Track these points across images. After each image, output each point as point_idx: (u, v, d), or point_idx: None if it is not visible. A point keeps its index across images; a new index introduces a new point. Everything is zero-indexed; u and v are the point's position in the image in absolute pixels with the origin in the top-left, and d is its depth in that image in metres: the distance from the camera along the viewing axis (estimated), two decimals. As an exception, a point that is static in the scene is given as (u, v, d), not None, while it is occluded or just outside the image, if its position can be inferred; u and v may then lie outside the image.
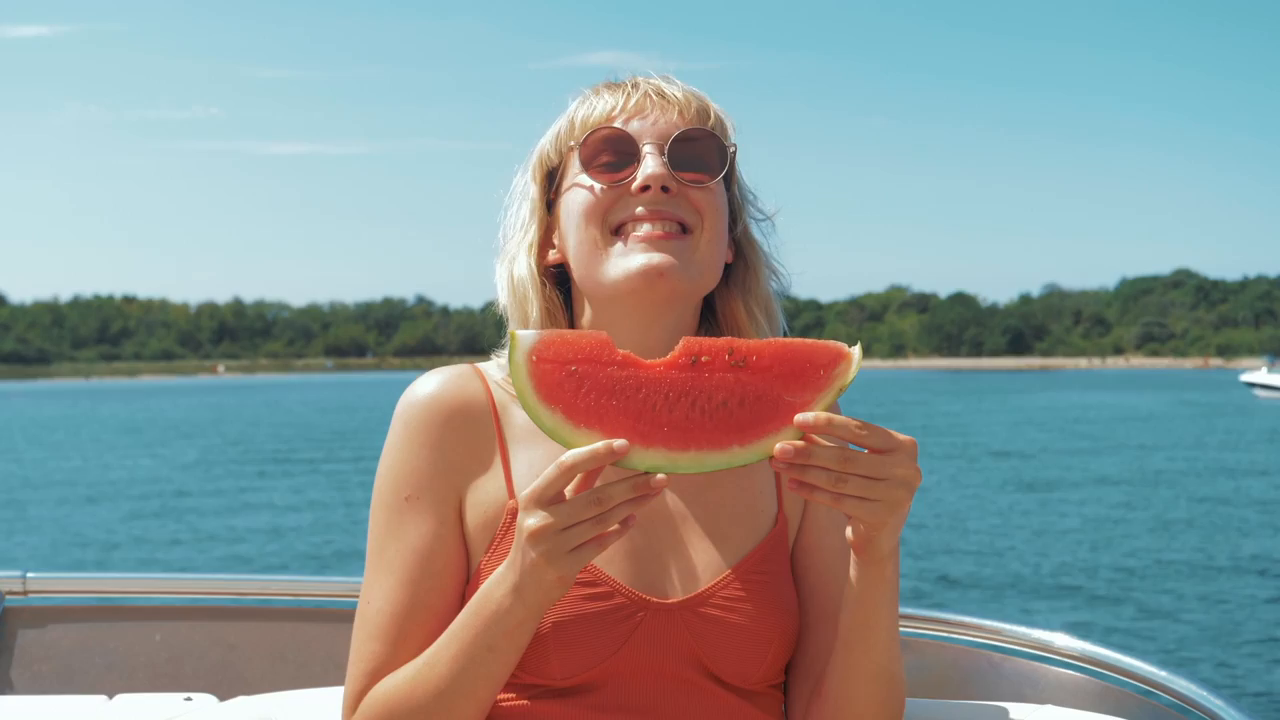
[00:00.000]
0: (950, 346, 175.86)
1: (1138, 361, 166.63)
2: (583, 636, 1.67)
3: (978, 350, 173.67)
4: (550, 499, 1.47)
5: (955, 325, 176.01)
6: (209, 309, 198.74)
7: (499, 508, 1.75)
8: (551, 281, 1.85)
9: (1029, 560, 18.39)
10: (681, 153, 1.76)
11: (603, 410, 1.48)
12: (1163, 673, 2.11)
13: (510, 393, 1.79)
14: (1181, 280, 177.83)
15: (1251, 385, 77.39)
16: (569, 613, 1.67)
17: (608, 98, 1.81)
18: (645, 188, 1.74)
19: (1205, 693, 2.03)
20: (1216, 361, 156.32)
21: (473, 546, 1.76)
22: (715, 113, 1.83)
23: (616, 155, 1.76)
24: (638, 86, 1.81)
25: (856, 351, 1.50)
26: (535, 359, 1.49)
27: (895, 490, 1.49)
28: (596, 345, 1.50)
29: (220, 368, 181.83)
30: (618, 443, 1.44)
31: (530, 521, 1.48)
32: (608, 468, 1.47)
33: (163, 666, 2.84)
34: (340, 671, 2.73)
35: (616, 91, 1.81)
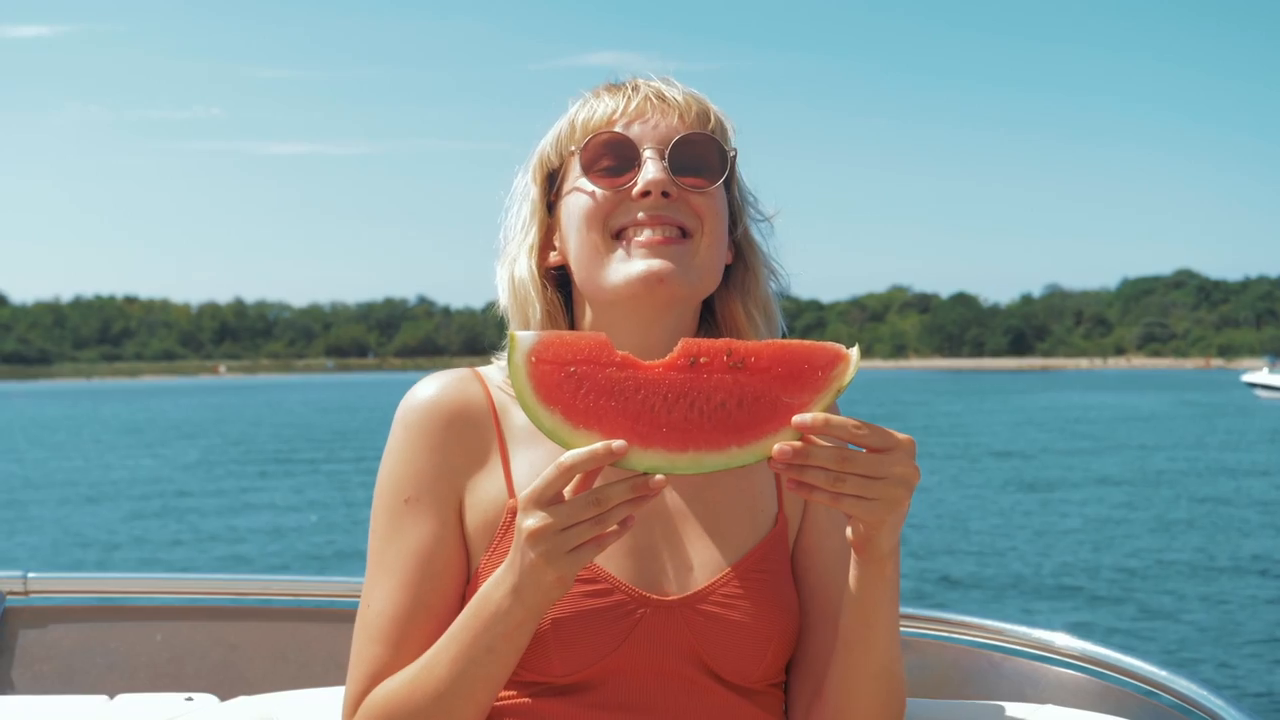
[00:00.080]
0: (951, 347, 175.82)
1: (1139, 362, 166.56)
2: (583, 633, 1.68)
3: (979, 351, 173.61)
4: (549, 499, 1.48)
5: (957, 325, 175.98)
6: (210, 309, 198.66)
7: (499, 508, 1.75)
8: (552, 283, 1.86)
9: (1030, 560, 18.39)
10: (682, 157, 1.76)
11: (601, 411, 1.48)
12: (1163, 673, 2.11)
13: (510, 394, 1.79)
14: (1183, 280, 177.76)
15: (1253, 385, 77.37)
16: (569, 610, 1.67)
17: (608, 100, 1.81)
18: (646, 193, 1.75)
19: (1206, 692, 2.03)
20: (1218, 362, 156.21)
21: (473, 547, 1.76)
22: (715, 115, 1.84)
23: (617, 160, 1.77)
24: (638, 89, 1.81)
25: (854, 353, 1.50)
26: (534, 360, 1.49)
27: (894, 489, 1.49)
28: (595, 346, 1.51)
29: (221, 368, 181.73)
30: (616, 443, 1.45)
31: (529, 522, 1.49)
32: (607, 468, 1.48)
33: (164, 666, 2.84)
34: (341, 671, 2.72)
35: (617, 94, 1.82)
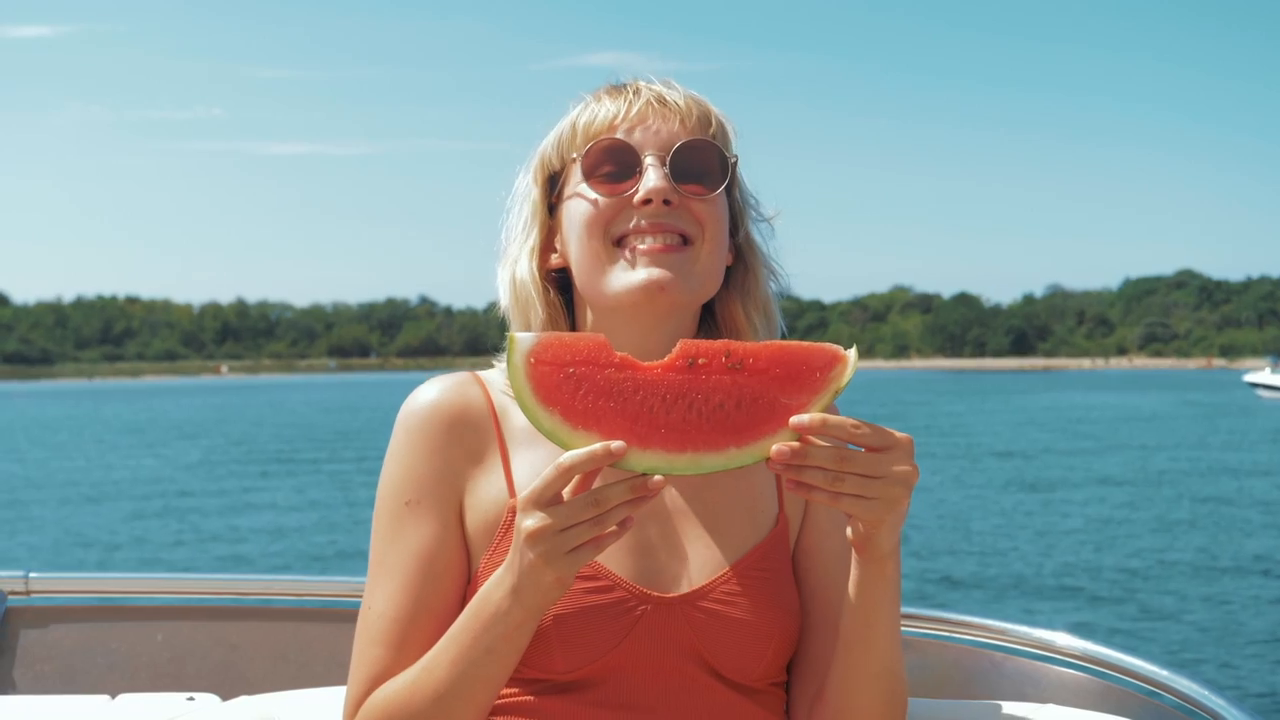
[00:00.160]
0: (953, 347, 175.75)
1: (1141, 362, 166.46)
2: (584, 629, 1.68)
3: (981, 351, 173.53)
4: (548, 500, 1.48)
5: (958, 326, 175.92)
6: (212, 309, 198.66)
7: (500, 509, 1.75)
8: (554, 285, 1.86)
9: (1032, 561, 18.38)
10: (683, 164, 1.76)
11: (600, 412, 1.48)
12: (1165, 672, 2.11)
13: (511, 397, 1.79)
14: (1185, 281, 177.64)
15: (1255, 386, 77.42)
16: (571, 606, 1.68)
17: (608, 104, 1.81)
18: (647, 201, 1.75)
19: (1207, 692, 2.02)
20: (1220, 362, 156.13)
21: (474, 548, 1.77)
22: (717, 119, 1.84)
23: (618, 166, 1.77)
24: (639, 93, 1.81)
25: (852, 354, 1.50)
26: (533, 361, 1.50)
27: (893, 488, 1.49)
28: (594, 347, 1.51)
29: (223, 368, 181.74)
30: (615, 444, 1.45)
31: (528, 523, 1.49)
32: (606, 469, 1.48)
33: (165, 666, 2.84)
34: (342, 671, 2.72)
35: (618, 98, 1.81)
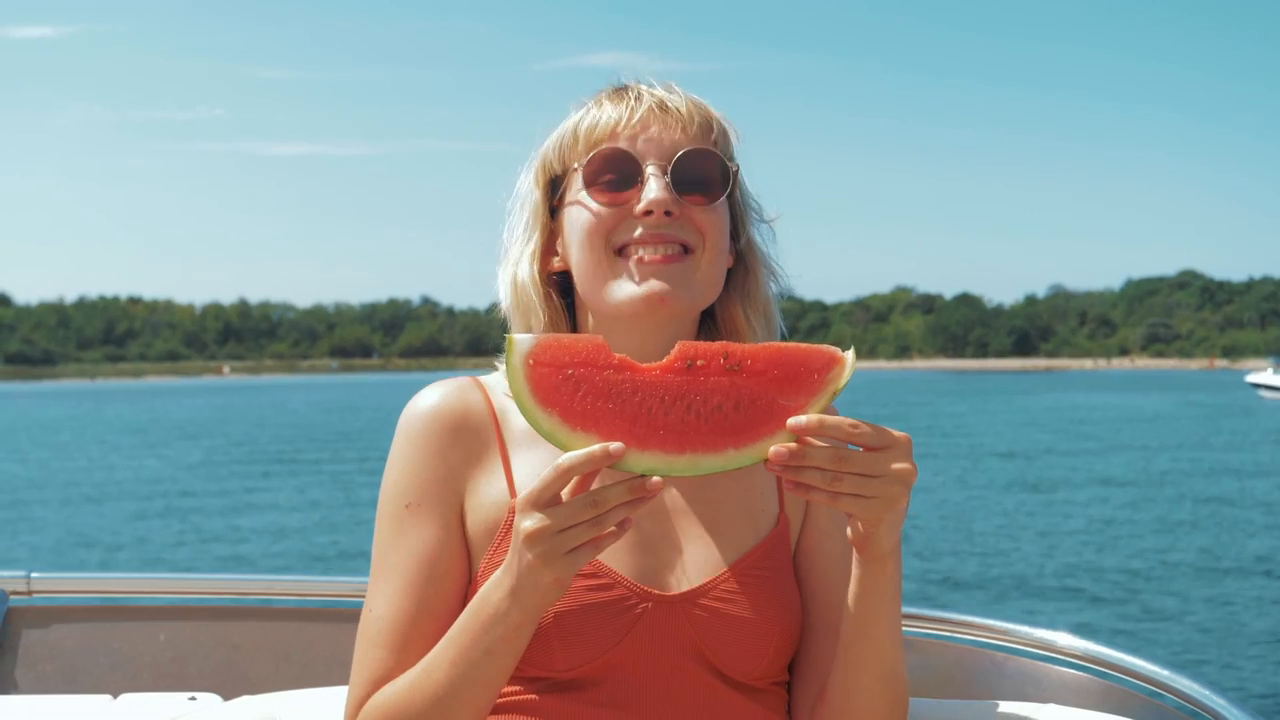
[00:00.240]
0: (955, 347, 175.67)
1: (1143, 362, 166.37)
2: (585, 627, 1.68)
3: (983, 351, 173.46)
4: (547, 501, 1.48)
5: (960, 326, 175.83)
6: (214, 310, 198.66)
7: (500, 510, 1.76)
8: (555, 288, 1.87)
9: (1034, 562, 18.38)
10: (684, 173, 1.76)
11: (599, 413, 1.49)
12: (1165, 672, 2.11)
13: (511, 400, 1.79)
14: (1187, 281, 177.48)
15: (1257, 386, 77.41)
16: (572, 604, 1.68)
17: (610, 109, 1.80)
18: (648, 212, 1.75)
19: (1209, 692, 2.02)
20: (1222, 362, 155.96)
21: (475, 550, 1.77)
22: (718, 124, 1.83)
23: (619, 175, 1.77)
24: (640, 98, 1.80)
25: (850, 356, 1.51)
26: (532, 362, 1.50)
27: (891, 486, 1.50)
28: (593, 349, 1.51)
29: (225, 369, 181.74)
30: (614, 446, 1.45)
31: (527, 524, 1.49)
32: (604, 470, 1.48)
33: (167, 666, 2.84)
34: (343, 671, 2.73)
35: (619, 103, 1.81)
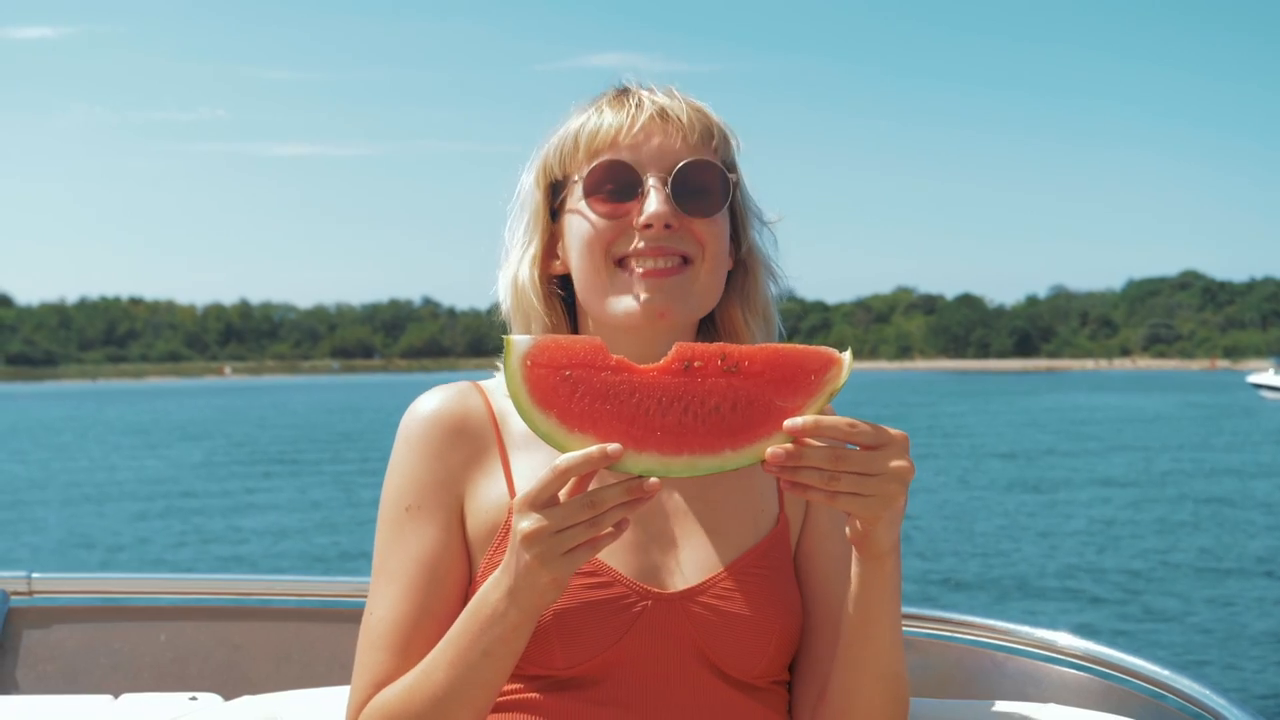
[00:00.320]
0: (957, 348, 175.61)
1: (1144, 363, 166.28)
2: (585, 624, 1.69)
3: (984, 352, 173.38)
4: (544, 502, 1.49)
5: (962, 327, 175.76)
6: (215, 310, 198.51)
7: (500, 511, 1.77)
8: (555, 292, 1.87)
9: (1035, 562, 18.37)
10: (684, 185, 1.77)
11: (597, 415, 1.49)
12: (1166, 672, 2.11)
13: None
14: (1188, 282, 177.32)
15: (1258, 387, 77.36)
16: (571, 602, 1.69)
17: (610, 115, 1.80)
18: (648, 225, 1.76)
19: (1209, 692, 2.02)
20: (1223, 363, 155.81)
21: (475, 552, 1.78)
22: (719, 131, 1.83)
23: (619, 186, 1.77)
24: (641, 105, 1.80)
25: (847, 357, 1.52)
26: (530, 364, 1.51)
27: (888, 484, 1.50)
28: (590, 350, 1.52)
29: (227, 369, 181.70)
30: (611, 447, 1.46)
31: (524, 525, 1.50)
32: (602, 471, 1.49)
33: (168, 666, 2.85)
34: (344, 671, 2.73)
35: (620, 109, 1.80)
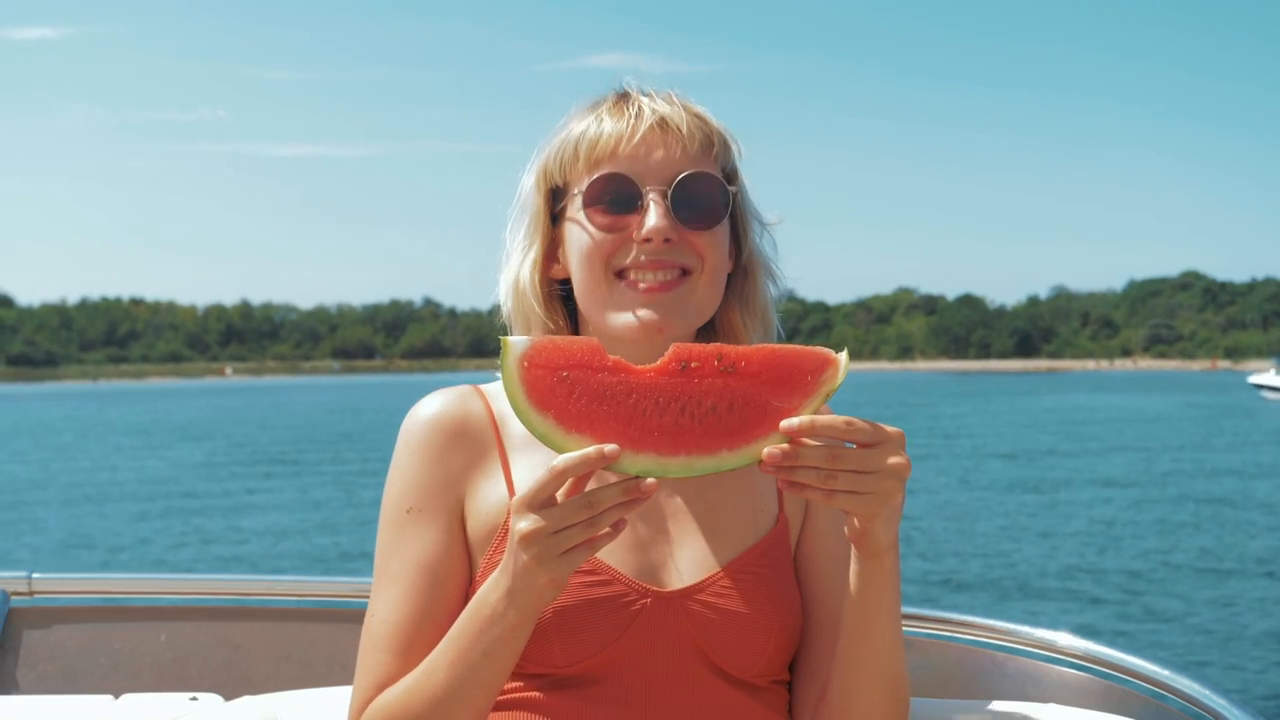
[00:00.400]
0: (958, 348, 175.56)
1: (1145, 363, 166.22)
2: (585, 622, 1.70)
3: (985, 352, 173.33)
4: (542, 503, 1.49)
5: (963, 327, 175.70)
6: (216, 311, 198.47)
7: (500, 512, 1.77)
8: (556, 295, 1.88)
9: (1036, 563, 18.38)
10: (684, 198, 1.77)
11: (594, 415, 1.50)
12: (1166, 672, 2.11)
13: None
14: (1189, 282, 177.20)
15: (1259, 387, 77.36)
16: (571, 600, 1.70)
17: (610, 123, 1.79)
18: (648, 239, 1.76)
19: (1209, 692, 2.02)
20: (1224, 364, 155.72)
21: (475, 553, 1.79)
22: (719, 139, 1.83)
23: (619, 199, 1.77)
24: (641, 114, 1.79)
25: (843, 357, 1.52)
26: (527, 365, 1.51)
27: (885, 481, 1.51)
28: (587, 351, 1.52)
29: (228, 370, 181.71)
30: (608, 447, 1.47)
31: (522, 525, 1.50)
32: (599, 472, 1.49)
33: (168, 666, 2.85)
34: (345, 671, 2.73)
35: (620, 116, 1.80)
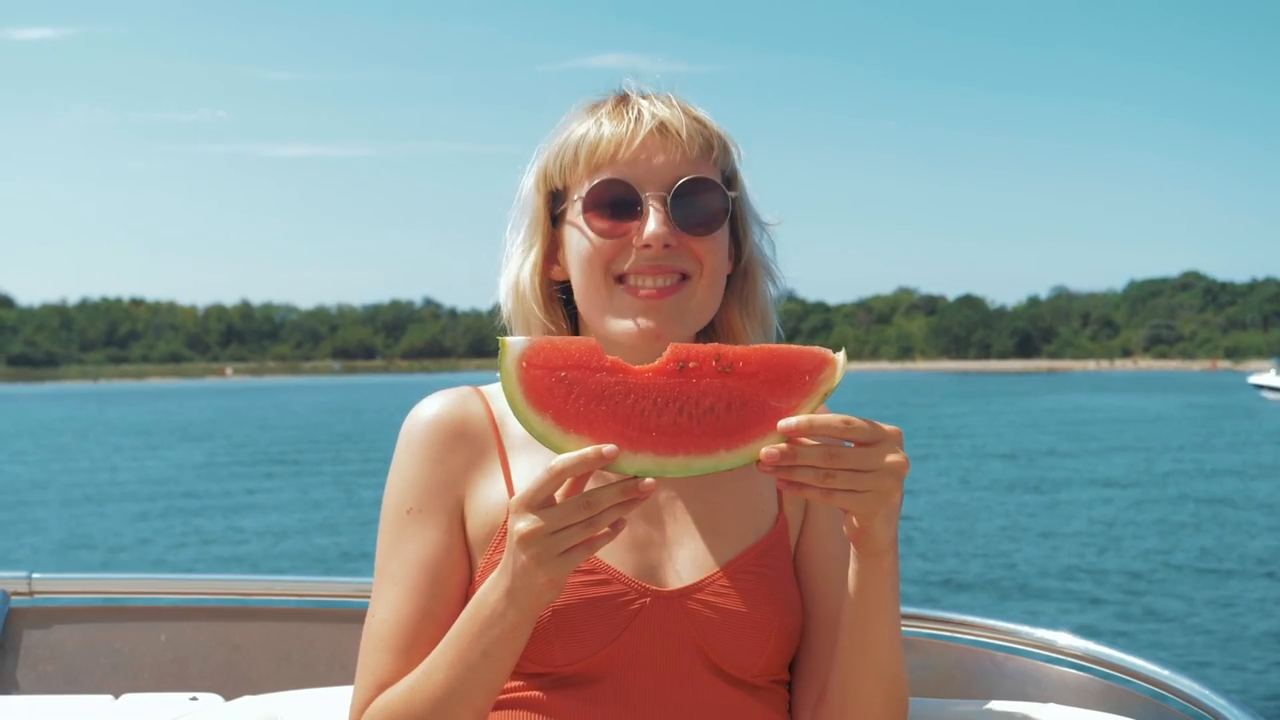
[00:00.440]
0: (958, 349, 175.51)
1: (1146, 364, 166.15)
2: (584, 621, 1.70)
3: (986, 352, 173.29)
4: (540, 503, 1.50)
5: (963, 327, 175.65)
6: (217, 311, 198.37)
7: (500, 512, 1.78)
8: (556, 296, 1.88)
9: (1036, 563, 18.38)
10: (683, 204, 1.77)
11: (592, 416, 1.50)
12: (1166, 672, 2.11)
13: None
14: (1190, 282, 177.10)
15: (1259, 388, 77.35)
16: (570, 599, 1.70)
17: (609, 127, 1.79)
18: (647, 245, 1.76)
19: (1209, 692, 2.02)
20: (1225, 364, 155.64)
21: (475, 553, 1.79)
22: (719, 142, 1.83)
23: (619, 205, 1.77)
24: (640, 118, 1.79)
25: (841, 357, 1.53)
26: (525, 365, 1.51)
27: (884, 479, 1.51)
28: (585, 351, 1.53)
29: (228, 370, 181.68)
30: (607, 448, 1.47)
31: (520, 525, 1.51)
32: (598, 472, 1.49)
33: (168, 666, 2.85)
34: (345, 671, 2.74)
35: (619, 120, 1.79)
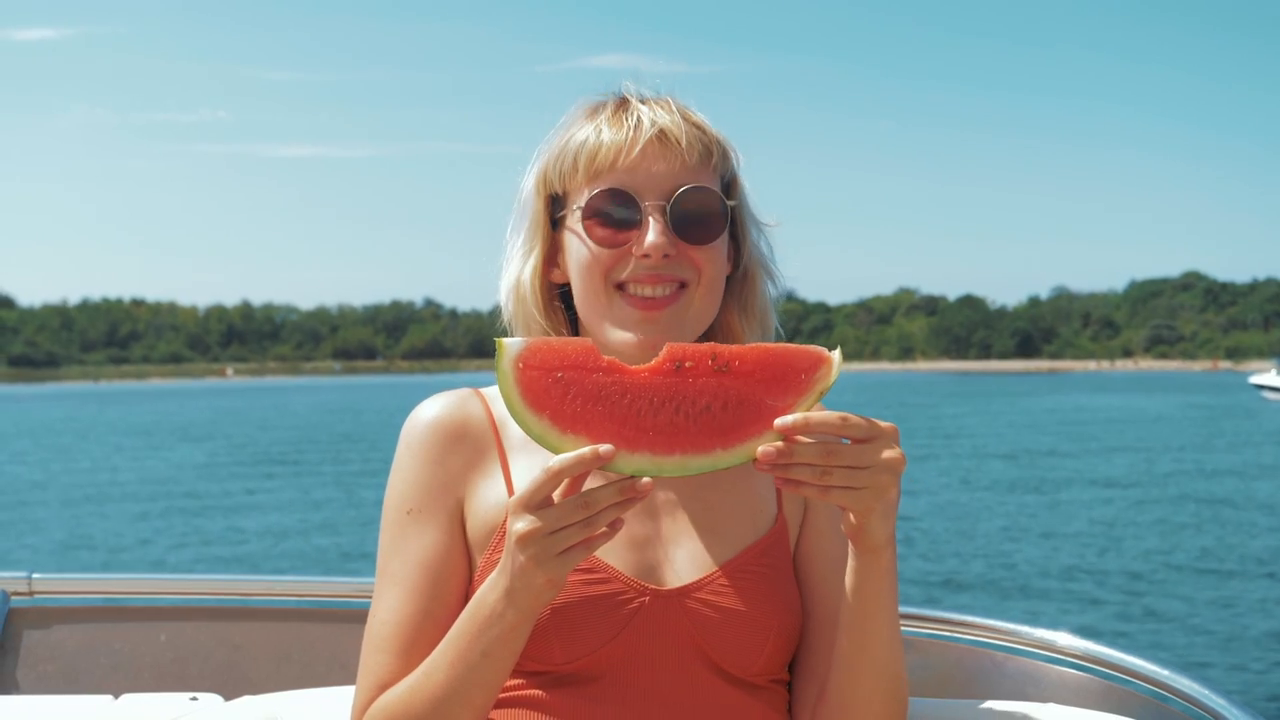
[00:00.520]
0: (959, 349, 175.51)
1: (1146, 364, 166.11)
2: (583, 620, 1.70)
3: (986, 353, 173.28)
4: (538, 503, 1.50)
5: (964, 328, 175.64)
6: (217, 312, 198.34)
7: (499, 513, 1.78)
8: (556, 299, 1.89)
9: (1036, 563, 18.38)
10: (683, 213, 1.77)
11: (589, 416, 1.50)
12: (1166, 672, 2.11)
13: None
14: (1190, 283, 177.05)
15: (1260, 388, 77.31)
16: (569, 597, 1.70)
17: (609, 134, 1.79)
18: (647, 254, 1.77)
19: (1209, 692, 2.03)
20: (1225, 364, 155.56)
21: (474, 553, 1.80)
22: (718, 149, 1.83)
23: (618, 215, 1.78)
24: (640, 125, 1.79)
25: (836, 356, 1.53)
26: (522, 366, 1.52)
27: (880, 476, 1.52)
28: (582, 352, 1.53)
29: (229, 370, 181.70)
30: (604, 448, 1.48)
31: (519, 525, 1.51)
32: (595, 472, 1.50)
33: (168, 667, 2.85)
34: (345, 671, 2.74)
35: (619, 127, 1.80)
